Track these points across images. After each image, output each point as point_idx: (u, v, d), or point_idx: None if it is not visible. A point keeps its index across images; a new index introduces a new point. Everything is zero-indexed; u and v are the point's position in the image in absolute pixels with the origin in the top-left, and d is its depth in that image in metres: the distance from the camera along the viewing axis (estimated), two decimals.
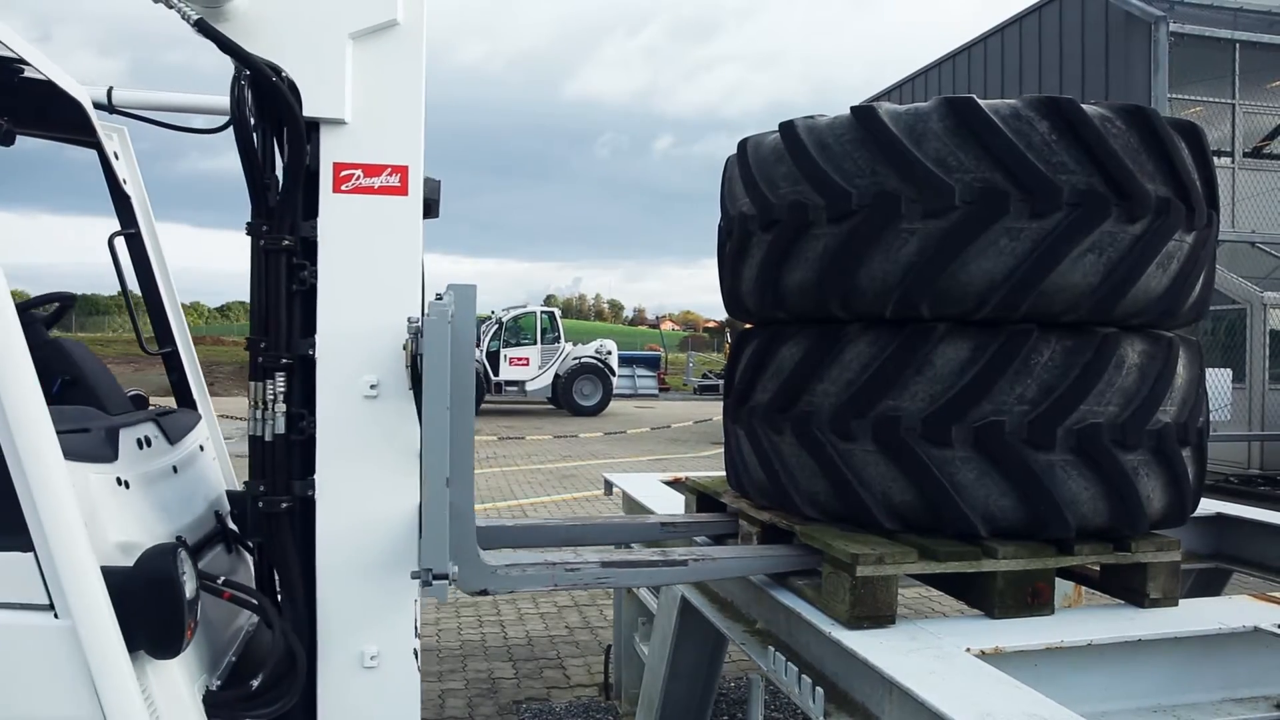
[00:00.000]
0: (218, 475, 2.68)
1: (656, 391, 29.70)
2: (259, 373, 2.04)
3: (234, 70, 2.01)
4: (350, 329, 2.04)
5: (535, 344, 22.02)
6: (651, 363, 31.61)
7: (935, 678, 1.84)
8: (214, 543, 2.35)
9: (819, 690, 2.08)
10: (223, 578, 2.05)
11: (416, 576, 1.90)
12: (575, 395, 21.97)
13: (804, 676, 2.16)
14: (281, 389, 2.03)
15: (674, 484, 3.99)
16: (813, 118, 2.53)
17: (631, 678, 4.19)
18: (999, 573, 2.25)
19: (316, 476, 2.06)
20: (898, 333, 2.34)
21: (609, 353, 22.50)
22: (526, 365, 21.84)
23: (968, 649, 2.01)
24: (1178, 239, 2.33)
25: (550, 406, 22.65)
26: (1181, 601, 2.40)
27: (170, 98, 2.77)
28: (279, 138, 2.06)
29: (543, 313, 22.91)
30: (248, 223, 2.06)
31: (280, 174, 2.07)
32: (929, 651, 2.00)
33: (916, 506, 2.33)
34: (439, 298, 1.99)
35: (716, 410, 18.23)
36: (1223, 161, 12.10)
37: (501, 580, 2.17)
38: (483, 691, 4.50)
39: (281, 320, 2.04)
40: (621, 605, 4.33)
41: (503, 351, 21.72)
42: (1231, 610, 2.36)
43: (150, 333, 2.87)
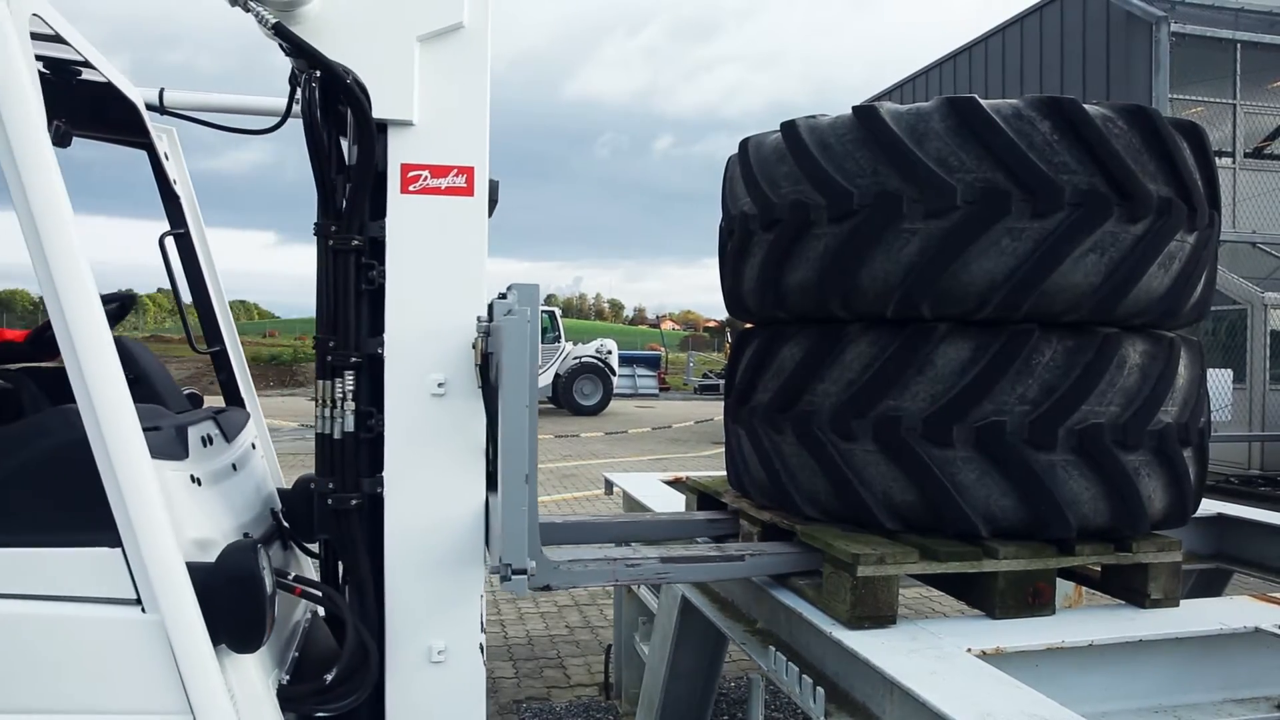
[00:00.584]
0: (269, 473, 2.72)
1: (657, 391, 29.68)
2: (327, 371, 2.07)
3: (294, 73, 2.04)
4: (418, 328, 2.07)
5: None
6: (652, 362, 31.59)
7: (936, 678, 1.84)
8: (272, 540, 2.38)
9: (819, 690, 2.08)
10: (293, 574, 2.09)
11: (496, 571, 1.94)
12: (576, 395, 21.96)
13: (804, 676, 2.15)
14: (350, 387, 2.06)
15: (674, 484, 3.99)
16: (814, 117, 2.53)
17: (632, 677, 4.19)
18: (1000, 573, 2.25)
19: (385, 474, 2.09)
20: (899, 332, 2.34)
21: (609, 352, 22.48)
22: None
23: (968, 649, 2.01)
24: (1179, 239, 2.33)
25: (551, 406, 22.66)
26: (1182, 602, 2.40)
27: (220, 99, 2.81)
28: (343, 139, 2.09)
29: (543, 312, 22.86)
30: (315, 223, 2.09)
31: (338, 175, 2.09)
32: (930, 652, 2.00)
33: (917, 506, 2.33)
34: (503, 296, 2.03)
35: (717, 410, 18.24)
36: (1224, 162, 12.10)
37: (564, 576, 2.20)
38: None
39: (350, 320, 2.07)
40: (622, 605, 4.33)
41: None
42: (1232, 611, 2.36)
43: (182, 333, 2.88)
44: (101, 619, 1.62)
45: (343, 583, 2.18)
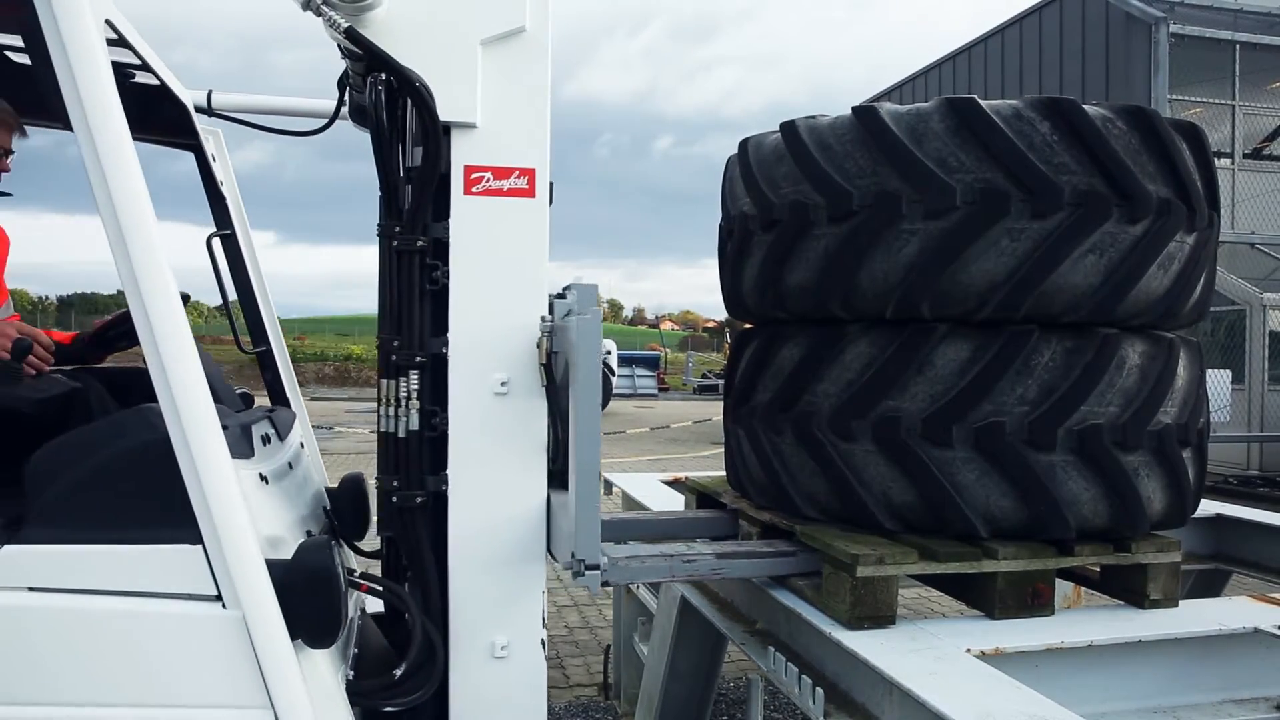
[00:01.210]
0: (317, 471, 2.74)
1: (656, 391, 29.65)
2: (392, 370, 2.09)
3: (345, 76, 2.05)
4: (482, 328, 2.10)
5: None
6: (651, 362, 31.58)
7: (936, 678, 1.84)
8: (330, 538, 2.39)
9: (819, 691, 2.08)
10: (358, 571, 2.10)
11: (568, 567, 1.96)
12: None
13: (804, 677, 2.16)
14: (415, 386, 2.08)
15: (674, 484, 3.99)
16: (814, 118, 2.53)
17: (631, 678, 4.19)
18: (999, 573, 2.25)
19: (449, 471, 2.11)
20: (898, 333, 2.34)
21: (608, 352, 22.31)
22: None
23: (968, 649, 2.02)
24: (1179, 240, 2.33)
25: None
26: (1181, 602, 2.41)
27: (266, 101, 2.84)
28: (403, 142, 2.12)
29: None
30: (379, 224, 2.11)
31: (399, 177, 2.12)
32: (929, 652, 2.00)
33: (917, 507, 2.33)
34: (561, 296, 2.07)
35: (716, 410, 18.23)
36: (1222, 163, 12.10)
37: (622, 572, 2.22)
38: None
39: (414, 320, 2.09)
40: (621, 605, 4.33)
41: None
42: (1231, 611, 2.36)
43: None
44: (183, 615, 1.64)
45: (403, 579, 2.20)
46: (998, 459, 2.24)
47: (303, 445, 2.65)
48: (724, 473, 3.12)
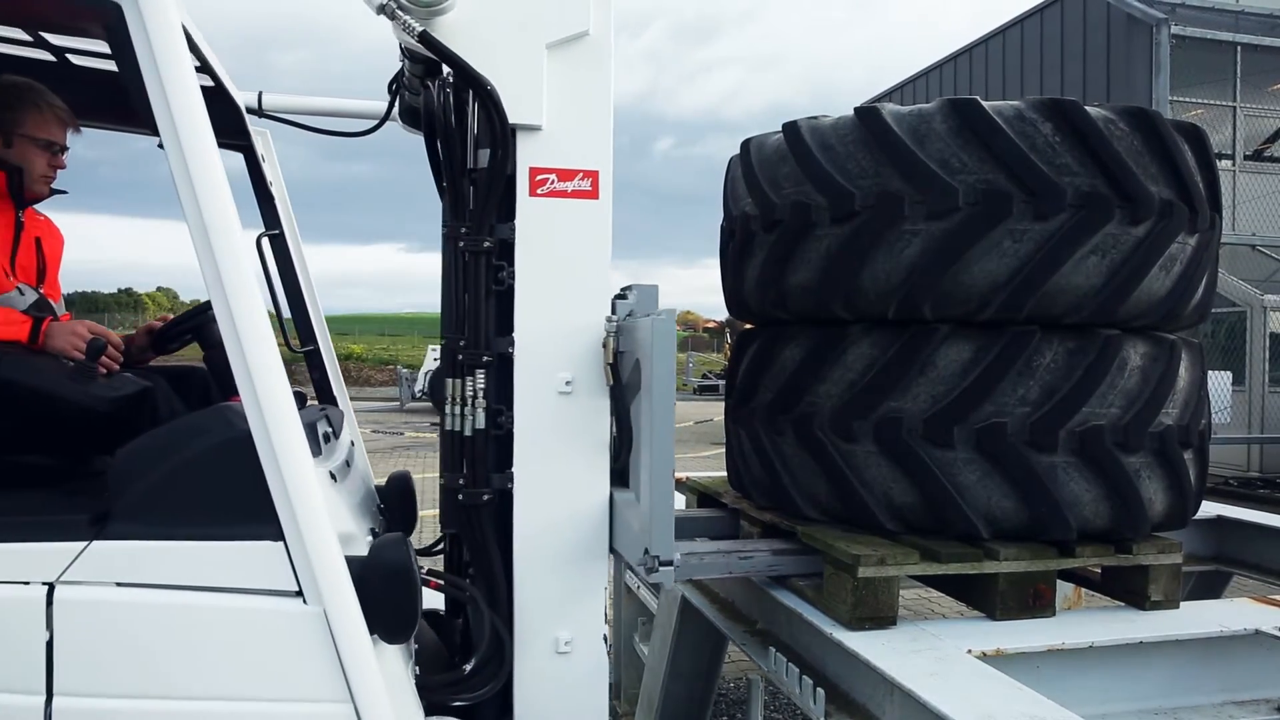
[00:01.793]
0: (367, 469, 2.76)
1: None
2: (458, 370, 2.11)
3: (399, 78, 2.07)
4: (547, 328, 2.12)
5: None
6: None
7: (937, 679, 1.84)
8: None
9: (820, 691, 2.08)
10: (426, 567, 2.10)
11: (642, 564, 1.98)
12: None
13: (805, 677, 2.16)
14: (481, 386, 2.10)
15: (674, 484, 3.98)
16: (816, 118, 2.53)
17: (631, 678, 4.20)
18: (1000, 574, 2.25)
19: (515, 470, 2.13)
20: (900, 334, 2.34)
21: None
22: None
23: (969, 650, 2.02)
24: (1180, 241, 2.33)
25: None
26: (1182, 604, 2.40)
27: (316, 102, 2.86)
28: (464, 144, 2.14)
29: None
30: (445, 226, 2.14)
31: (463, 179, 2.14)
32: (930, 653, 2.00)
33: (918, 507, 2.33)
34: (622, 296, 2.10)
35: (716, 410, 18.23)
36: (1224, 164, 12.11)
37: (681, 570, 2.23)
38: None
39: (481, 319, 2.11)
40: (621, 605, 4.33)
41: None
42: (1232, 613, 2.36)
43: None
44: (264, 610, 1.66)
45: (467, 576, 2.23)
46: (999, 460, 2.24)
47: (353, 443, 2.67)
48: (725, 473, 3.12)
